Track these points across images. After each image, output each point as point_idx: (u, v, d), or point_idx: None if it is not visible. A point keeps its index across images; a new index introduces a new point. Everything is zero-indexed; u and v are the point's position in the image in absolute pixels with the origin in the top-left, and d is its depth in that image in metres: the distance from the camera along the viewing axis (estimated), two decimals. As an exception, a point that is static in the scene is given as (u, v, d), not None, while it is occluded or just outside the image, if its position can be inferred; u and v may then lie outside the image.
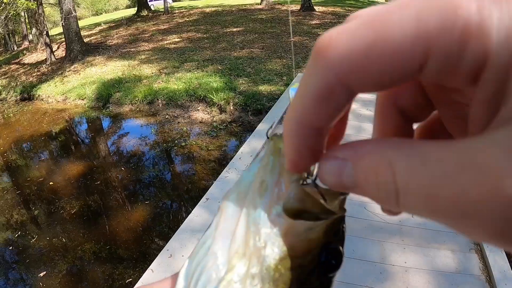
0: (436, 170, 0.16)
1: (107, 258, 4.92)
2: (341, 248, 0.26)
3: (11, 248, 5.58)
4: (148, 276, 3.23)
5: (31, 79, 14.78)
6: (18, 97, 13.85)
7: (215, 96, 8.86)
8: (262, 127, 6.18)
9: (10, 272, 5.15)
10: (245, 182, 0.27)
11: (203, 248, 0.26)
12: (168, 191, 6.54)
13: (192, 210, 4.19)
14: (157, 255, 3.56)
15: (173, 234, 3.85)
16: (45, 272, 4.83)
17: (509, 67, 0.15)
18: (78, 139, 9.89)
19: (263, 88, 9.12)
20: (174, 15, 22.09)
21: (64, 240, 5.39)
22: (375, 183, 0.18)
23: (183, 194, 6.40)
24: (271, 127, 0.29)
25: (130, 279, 4.42)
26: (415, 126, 0.26)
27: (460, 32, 0.15)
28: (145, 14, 23.48)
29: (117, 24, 22.17)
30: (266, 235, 0.24)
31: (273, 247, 0.24)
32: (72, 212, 6.04)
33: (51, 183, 7.09)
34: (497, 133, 0.15)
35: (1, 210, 6.56)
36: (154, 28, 18.71)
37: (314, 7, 19.43)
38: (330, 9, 20.20)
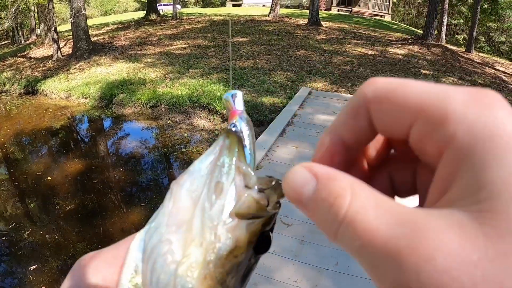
0: (382, 218, 0.19)
1: None
2: (271, 234, 0.32)
3: (4, 238, 5.60)
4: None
5: (36, 73, 14.82)
6: (22, 90, 13.88)
7: (218, 104, 8.92)
8: (263, 138, 6.22)
9: (0, 263, 5.20)
10: (198, 173, 0.32)
11: (156, 233, 0.31)
12: (165, 196, 6.56)
13: None
14: None
15: None
16: (35, 266, 4.86)
17: (463, 159, 0.19)
18: (79, 137, 9.92)
19: (266, 99, 9.18)
20: (182, 21, 22.23)
21: (57, 237, 5.41)
22: (330, 205, 0.21)
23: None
24: (233, 124, 0.34)
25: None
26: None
27: (441, 114, 0.20)
28: (153, 18, 23.62)
29: (125, 25, 22.28)
30: (221, 231, 0.29)
31: (226, 240, 0.29)
32: (67, 209, 6.07)
33: (48, 177, 7.13)
34: (440, 212, 0.19)
35: None
36: (161, 33, 18.81)
37: (321, 22, 19.59)
38: (337, 25, 20.41)
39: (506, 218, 0.17)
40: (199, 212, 0.30)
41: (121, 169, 7.36)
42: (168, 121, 9.15)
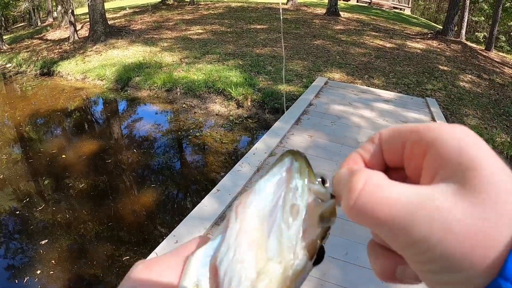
0: (396, 193, 0.27)
1: (108, 238, 4.96)
2: (324, 246, 0.34)
3: (17, 212, 5.71)
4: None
5: (52, 55, 14.87)
6: (38, 72, 13.96)
7: (233, 90, 8.87)
8: (278, 125, 6.17)
9: (12, 235, 5.31)
10: (266, 195, 0.34)
11: (227, 253, 0.31)
12: (177, 179, 6.56)
13: (199, 199, 4.20)
14: (159, 240, 3.57)
15: (178, 221, 3.86)
16: (46, 240, 4.91)
17: (441, 155, 0.27)
18: (93, 118, 9.95)
19: (282, 87, 9.10)
20: (200, 6, 22.11)
21: (68, 215, 5.45)
22: (349, 181, 0.29)
23: (192, 183, 6.41)
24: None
25: (129, 262, 4.43)
26: None
27: (423, 129, 0.29)
28: (170, 3, 23.55)
29: (142, 10, 22.23)
30: (298, 249, 0.32)
31: (303, 257, 0.32)
32: (80, 188, 6.11)
33: (63, 156, 7.19)
34: (437, 186, 0.26)
35: (10, 178, 6.67)
36: (178, 17, 18.72)
37: (340, 12, 19.37)
38: (356, 16, 20.14)
39: (484, 190, 0.24)
40: (275, 232, 0.32)
41: (134, 151, 7.36)
42: (183, 105, 9.11)
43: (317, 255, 0.33)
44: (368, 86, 9.35)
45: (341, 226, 3.71)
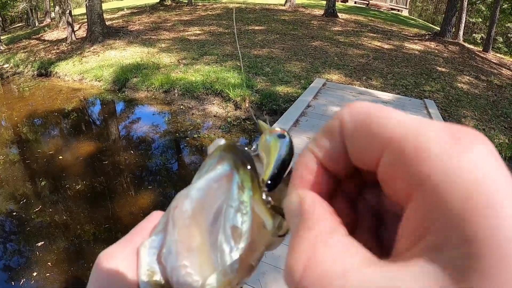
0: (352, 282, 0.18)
1: (105, 240, 4.94)
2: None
3: (14, 214, 5.71)
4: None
5: (49, 55, 14.85)
6: (35, 72, 13.94)
7: (231, 91, 8.85)
8: (276, 127, 6.15)
9: (8, 237, 5.29)
10: (203, 202, 0.32)
11: (169, 257, 0.31)
12: (174, 181, 6.54)
13: None
14: None
15: None
16: (42, 242, 4.91)
17: (436, 207, 0.17)
18: (91, 119, 9.92)
19: (280, 89, 9.09)
20: (197, 7, 22.09)
21: (65, 216, 5.43)
22: (293, 253, 0.22)
23: (189, 184, 6.39)
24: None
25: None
26: None
27: (413, 149, 0.19)
28: (168, 4, 23.52)
29: (140, 10, 22.22)
30: (242, 269, 0.31)
31: (249, 272, 0.32)
32: (77, 189, 6.09)
33: (60, 157, 7.17)
34: (417, 268, 0.17)
35: (7, 179, 6.65)
36: (176, 18, 18.71)
37: (338, 14, 19.39)
38: (353, 17, 20.17)
39: (495, 279, 0.15)
40: (216, 250, 0.30)
41: (132, 152, 7.34)
42: (181, 107, 9.09)
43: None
44: (366, 88, 9.35)
45: None
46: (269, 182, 0.32)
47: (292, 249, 0.21)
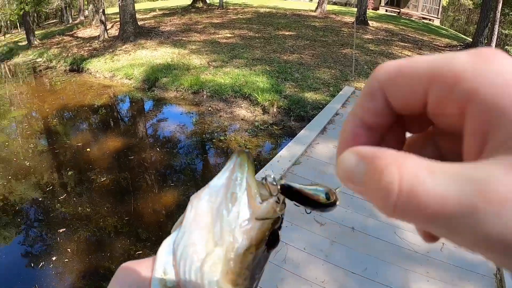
0: (442, 182, 0.19)
1: (126, 234, 5.01)
2: (279, 231, 0.39)
3: (40, 199, 5.94)
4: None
5: (82, 52, 15.15)
6: (68, 68, 14.27)
7: (260, 96, 8.86)
8: (304, 134, 6.12)
9: (33, 221, 5.52)
10: (216, 188, 0.38)
11: (183, 238, 0.37)
12: (199, 181, 6.56)
13: None
14: None
15: None
16: (64, 229, 5.05)
17: (491, 107, 0.20)
18: (119, 116, 10.11)
19: (309, 95, 9.06)
20: (228, 10, 22.24)
21: (87, 207, 5.58)
22: (379, 181, 0.21)
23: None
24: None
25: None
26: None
27: (453, 74, 0.21)
28: (199, 6, 23.75)
29: (172, 12, 22.48)
30: (238, 233, 0.36)
31: (242, 241, 0.36)
32: (102, 182, 6.23)
33: (88, 149, 7.39)
34: (492, 160, 0.19)
35: (36, 166, 6.93)
36: (207, 21, 18.87)
37: (369, 21, 19.25)
38: (384, 25, 19.98)
39: None
40: (218, 218, 0.36)
41: (158, 150, 7.44)
42: (209, 108, 9.15)
43: (269, 240, 0.38)
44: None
45: (362, 241, 3.67)
46: (283, 183, 0.39)
47: (376, 175, 0.22)
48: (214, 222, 0.36)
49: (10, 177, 6.67)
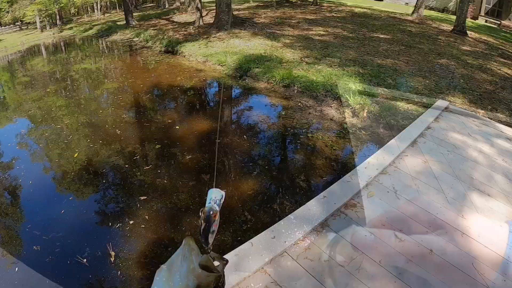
0: None
1: (196, 212, 5.08)
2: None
3: (126, 166, 6.45)
4: (246, 247, 3.30)
5: (177, 36, 15.74)
6: (163, 49, 14.93)
7: (351, 98, 8.77)
8: (393, 143, 5.95)
9: (118, 186, 6.01)
10: (175, 256, 0.89)
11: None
12: (280, 175, 6.56)
13: (300, 199, 4.22)
14: (255, 230, 3.66)
15: (276, 216, 3.90)
16: (145, 197, 5.43)
17: None
18: (208, 99, 10.45)
19: (401, 104, 8.80)
20: (322, 8, 22.11)
21: (169, 181, 5.91)
22: None
23: (295, 182, 6.39)
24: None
25: (214, 243, 4.52)
26: None
27: None
28: (294, 1, 23.82)
29: (266, 4, 22.73)
30: (190, 276, 0.77)
31: (193, 281, 0.75)
32: (185, 159, 6.55)
33: (177, 127, 7.84)
34: None
35: (127, 136, 7.58)
36: (301, 16, 18.89)
37: (467, 32, 18.38)
38: (483, 37, 18.91)
39: None
40: (177, 270, 0.82)
41: (244, 138, 7.58)
42: (299, 104, 9.17)
43: None
44: (491, 119, 8.75)
45: (437, 265, 3.54)
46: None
47: None
48: (174, 274, 0.64)
49: (101, 141, 7.33)
